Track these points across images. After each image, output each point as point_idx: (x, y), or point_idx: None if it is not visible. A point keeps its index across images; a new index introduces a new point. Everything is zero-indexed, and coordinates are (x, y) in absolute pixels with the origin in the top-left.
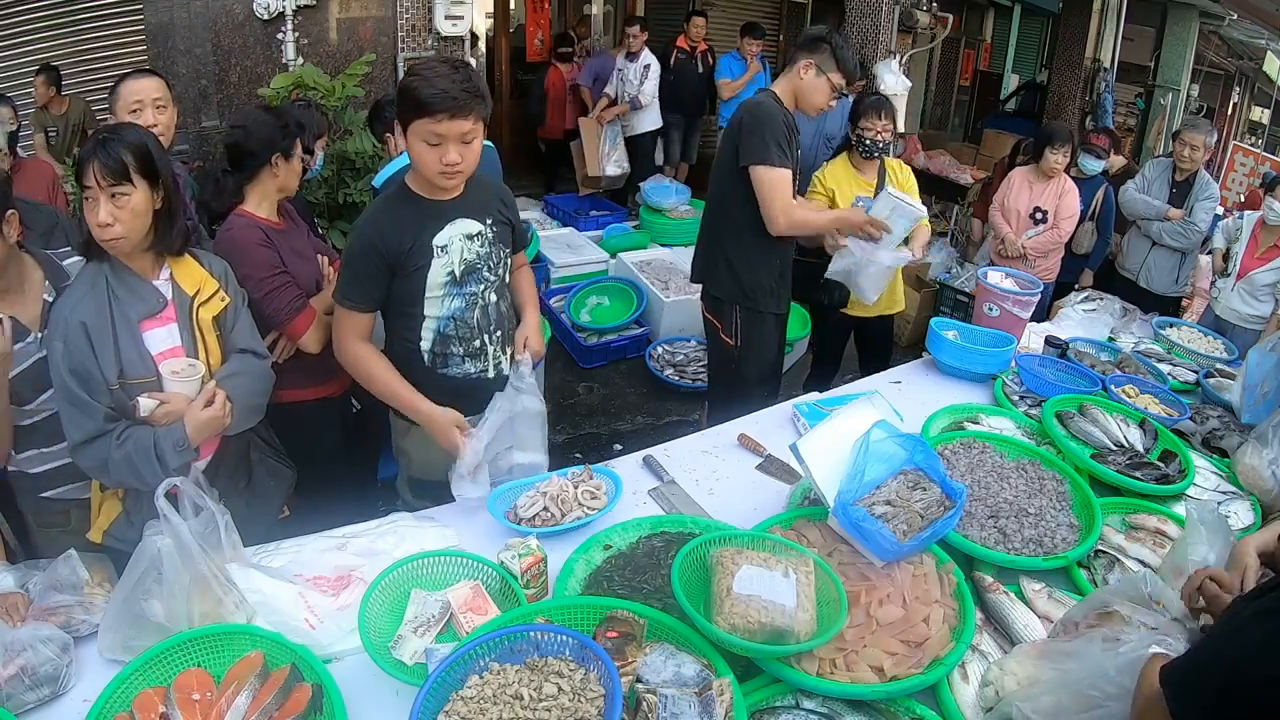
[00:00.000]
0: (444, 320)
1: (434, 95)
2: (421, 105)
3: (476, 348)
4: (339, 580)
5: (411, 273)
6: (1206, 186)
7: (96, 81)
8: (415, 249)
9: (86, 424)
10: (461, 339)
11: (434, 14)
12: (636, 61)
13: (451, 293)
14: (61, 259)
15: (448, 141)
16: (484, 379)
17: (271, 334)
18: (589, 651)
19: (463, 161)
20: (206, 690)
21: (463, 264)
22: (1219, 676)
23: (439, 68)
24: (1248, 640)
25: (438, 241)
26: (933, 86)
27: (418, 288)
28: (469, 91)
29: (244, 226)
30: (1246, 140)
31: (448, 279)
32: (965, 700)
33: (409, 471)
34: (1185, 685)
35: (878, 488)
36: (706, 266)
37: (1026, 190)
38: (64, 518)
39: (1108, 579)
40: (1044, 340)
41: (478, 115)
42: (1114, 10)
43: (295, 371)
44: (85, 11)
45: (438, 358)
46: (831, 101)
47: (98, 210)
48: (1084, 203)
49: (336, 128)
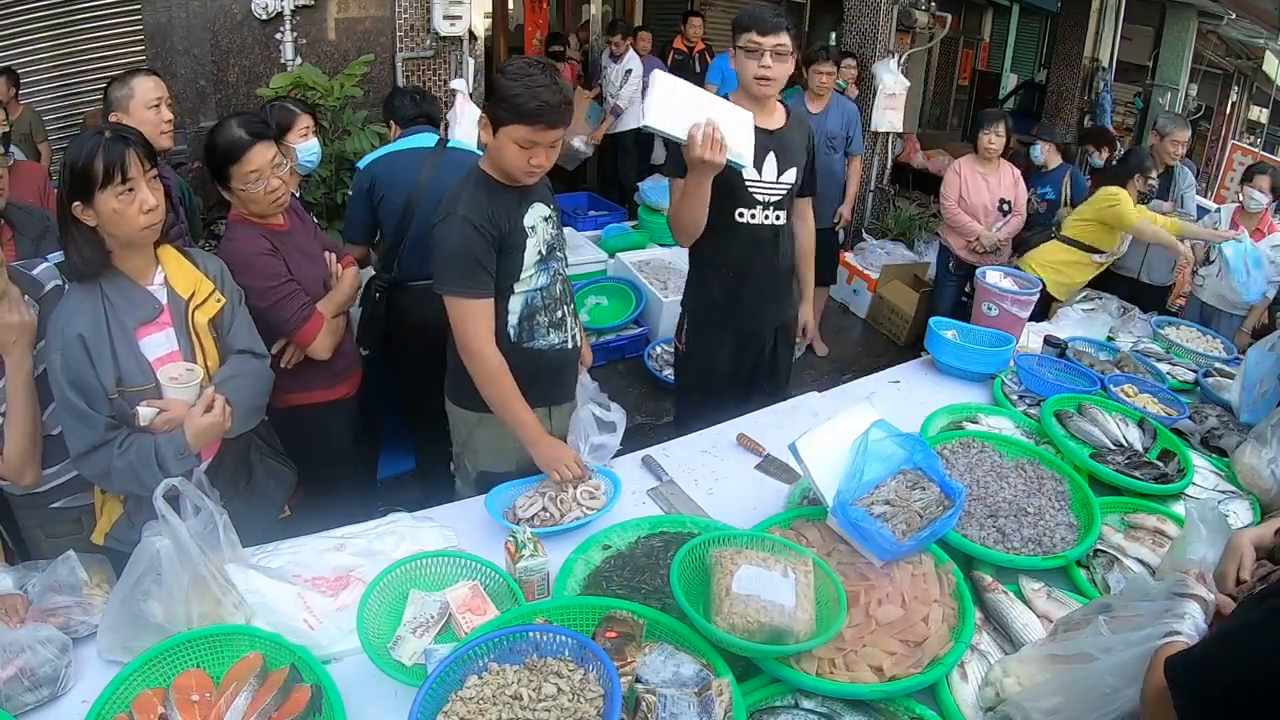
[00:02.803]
0: (531, 293)
1: (538, 108)
2: (523, 114)
3: (559, 318)
4: (338, 581)
5: (510, 253)
6: (1185, 175)
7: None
8: (514, 230)
9: (88, 434)
10: (547, 309)
11: (433, 14)
12: (620, 64)
13: (540, 270)
14: (31, 268)
15: (539, 147)
16: (565, 349)
17: (279, 341)
18: (588, 652)
19: (547, 162)
20: (205, 691)
21: (545, 243)
22: (1227, 674)
23: (538, 76)
24: (1259, 639)
25: (528, 222)
26: (931, 86)
27: (515, 267)
28: (565, 103)
29: (248, 236)
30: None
31: (539, 257)
32: (964, 700)
33: (478, 466)
34: (1191, 680)
35: (877, 487)
36: None
37: (982, 182)
38: (75, 525)
39: (1107, 578)
40: (1043, 340)
41: (566, 123)
42: (1113, 9)
43: (306, 374)
44: (84, 11)
45: (524, 331)
46: (762, 69)
47: (144, 196)
48: (1054, 191)
49: (336, 128)
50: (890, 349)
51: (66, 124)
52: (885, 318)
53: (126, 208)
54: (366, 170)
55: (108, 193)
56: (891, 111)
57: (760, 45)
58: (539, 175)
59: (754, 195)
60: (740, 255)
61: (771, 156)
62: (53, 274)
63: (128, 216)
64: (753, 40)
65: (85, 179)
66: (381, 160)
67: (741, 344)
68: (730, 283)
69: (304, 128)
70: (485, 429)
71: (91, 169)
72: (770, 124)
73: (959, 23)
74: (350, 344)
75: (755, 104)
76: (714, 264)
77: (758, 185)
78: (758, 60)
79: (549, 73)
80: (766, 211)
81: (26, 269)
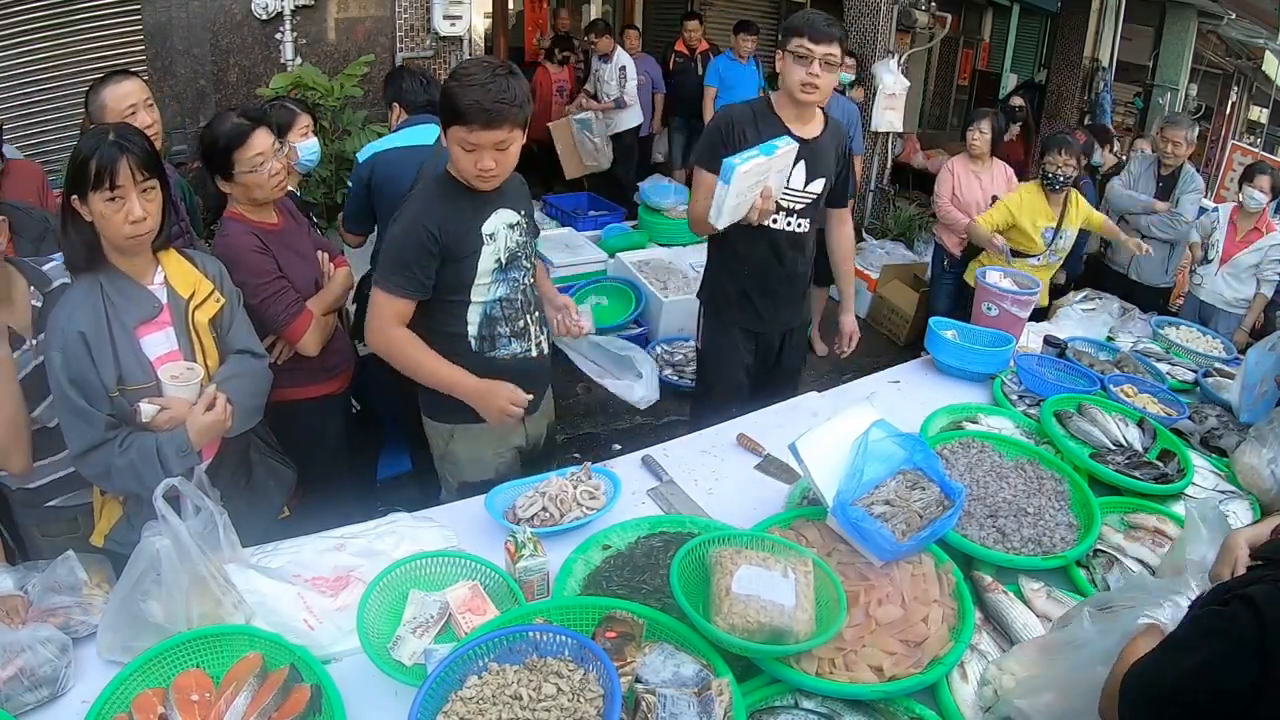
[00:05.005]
0: (490, 304)
1: (468, 106)
2: (457, 114)
3: (521, 328)
4: (338, 581)
5: (462, 260)
6: (1192, 179)
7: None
8: (468, 236)
9: (88, 433)
10: (508, 319)
11: (433, 14)
12: (610, 63)
13: (498, 279)
14: (42, 264)
15: (482, 149)
16: (529, 359)
17: (269, 337)
18: (588, 652)
19: (497, 167)
20: (205, 691)
21: (507, 251)
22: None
23: (478, 74)
24: (1192, 659)
25: (486, 229)
26: (931, 86)
27: (468, 274)
28: (504, 102)
29: (238, 233)
30: (1245, 139)
31: (495, 266)
32: (964, 700)
33: (458, 477)
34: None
35: (876, 487)
36: None
37: (974, 180)
38: (71, 524)
39: (1106, 578)
40: (1043, 340)
41: (514, 124)
42: (1113, 9)
43: (296, 370)
44: (84, 12)
45: (485, 341)
46: (810, 75)
47: (130, 207)
48: None
49: (335, 128)
50: (890, 349)
51: (67, 124)
52: (885, 318)
53: (114, 215)
54: (366, 162)
55: (98, 196)
56: (891, 111)
57: (811, 53)
58: (492, 180)
59: (779, 201)
60: (758, 258)
61: (802, 165)
62: (61, 271)
63: (114, 223)
64: (804, 46)
65: (80, 177)
66: (382, 155)
67: (751, 342)
68: (744, 283)
69: (303, 127)
70: (461, 441)
71: (85, 169)
72: (806, 132)
73: (959, 23)
74: (343, 342)
75: (796, 109)
76: (730, 263)
77: (784, 193)
78: (806, 67)
79: (493, 73)
80: (790, 219)
81: (37, 263)
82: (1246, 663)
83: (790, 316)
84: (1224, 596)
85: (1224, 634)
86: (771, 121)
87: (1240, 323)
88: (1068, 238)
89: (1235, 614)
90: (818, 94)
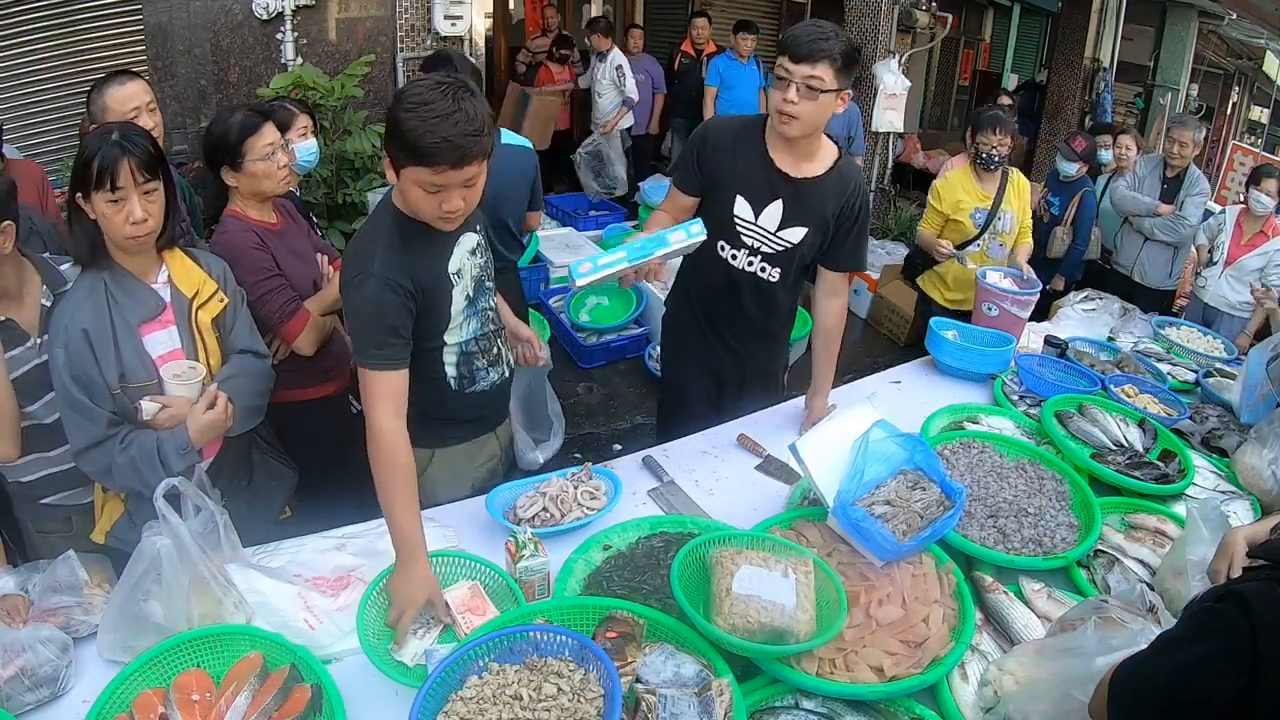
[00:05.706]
0: (466, 342)
1: (436, 146)
2: (420, 154)
3: (495, 355)
4: (338, 581)
5: (433, 306)
6: (1197, 182)
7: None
8: (439, 283)
9: (90, 429)
10: (483, 351)
11: (433, 14)
12: (605, 61)
13: (469, 315)
14: (58, 264)
15: (449, 189)
16: (504, 380)
17: (267, 335)
18: (588, 652)
19: (466, 204)
20: (206, 691)
21: (473, 282)
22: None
23: (437, 104)
24: (1183, 657)
25: (451, 268)
26: (932, 86)
27: (441, 320)
28: (474, 134)
29: (237, 230)
30: (1246, 139)
31: (465, 303)
32: (965, 700)
33: (435, 499)
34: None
35: (877, 487)
36: None
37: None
38: (65, 524)
39: (1107, 579)
40: (1043, 340)
41: (483, 156)
42: (1113, 10)
43: (293, 371)
44: (84, 12)
45: (465, 379)
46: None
47: (130, 208)
48: (1060, 206)
49: (336, 128)
50: (891, 349)
51: (67, 124)
52: (885, 318)
53: (114, 215)
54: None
55: (100, 196)
56: (892, 112)
57: (789, 75)
58: (457, 220)
59: (740, 236)
60: (711, 289)
61: (778, 205)
62: (76, 274)
63: (115, 223)
64: (783, 67)
65: (82, 177)
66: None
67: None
68: (699, 313)
69: (303, 127)
70: (439, 467)
71: (88, 169)
72: (797, 170)
73: (960, 23)
74: (340, 344)
75: (780, 142)
76: (687, 288)
77: (748, 228)
78: (783, 92)
79: (454, 98)
80: (751, 258)
81: (56, 262)
82: (1236, 663)
83: (744, 363)
84: (1218, 594)
85: (1215, 632)
86: (752, 149)
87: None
88: (1007, 219)
89: (1227, 612)
90: (796, 125)
